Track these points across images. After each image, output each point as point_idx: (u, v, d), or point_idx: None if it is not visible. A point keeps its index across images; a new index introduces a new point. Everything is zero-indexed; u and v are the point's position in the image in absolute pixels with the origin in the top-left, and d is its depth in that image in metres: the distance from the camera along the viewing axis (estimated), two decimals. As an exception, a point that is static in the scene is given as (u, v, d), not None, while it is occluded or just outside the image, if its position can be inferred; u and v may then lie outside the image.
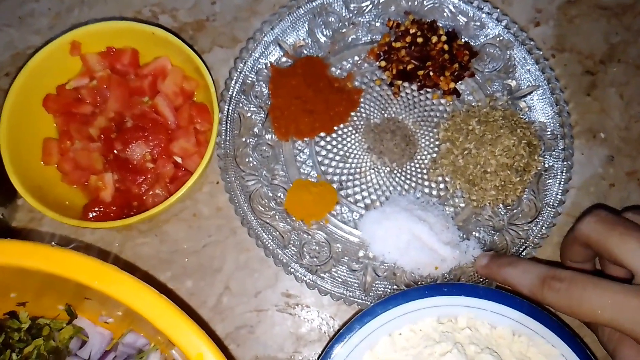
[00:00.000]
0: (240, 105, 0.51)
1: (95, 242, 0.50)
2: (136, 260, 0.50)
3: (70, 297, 0.39)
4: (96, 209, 0.46)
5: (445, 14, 0.53)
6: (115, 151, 0.47)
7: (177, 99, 0.49)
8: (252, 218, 0.48)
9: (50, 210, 0.44)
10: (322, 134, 0.51)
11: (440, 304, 0.42)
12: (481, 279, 0.47)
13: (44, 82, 0.49)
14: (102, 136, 0.47)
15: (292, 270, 0.47)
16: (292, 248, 0.48)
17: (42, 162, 0.48)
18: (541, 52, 0.53)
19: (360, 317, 0.41)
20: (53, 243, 0.49)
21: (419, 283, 0.47)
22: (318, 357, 0.42)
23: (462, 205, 0.50)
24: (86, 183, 0.48)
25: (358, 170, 0.51)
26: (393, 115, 0.52)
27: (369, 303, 0.46)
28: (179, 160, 0.49)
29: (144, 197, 0.47)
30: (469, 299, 0.42)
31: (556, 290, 0.39)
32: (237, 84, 0.51)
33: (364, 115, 0.52)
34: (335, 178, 0.50)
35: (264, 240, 0.47)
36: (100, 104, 0.49)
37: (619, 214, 0.41)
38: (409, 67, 0.51)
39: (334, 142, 0.51)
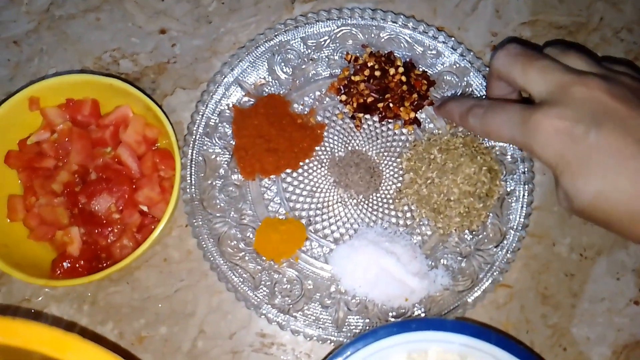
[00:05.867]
0: (204, 147, 0.51)
1: (67, 294, 0.50)
2: (109, 309, 0.50)
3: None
4: (64, 264, 0.46)
5: (402, 44, 0.54)
6: (80, 205, 0.47)
7: (140, 147, 0.49)
8: (222, 262, 0.48)
9: (17, 271, 0.44)
10: (288, 171, 0.52)
11: (409, 340, 0.42)
12: (450, 308, 0.48)
13: (6, 138, 0.49)
14: (66, 190, 0.47)
15: (263, 312, 0.47)
16: (264, 289, 0.48)
17: (7, 220, 0.48)
18: (497, 78, 0.53)
19: (331, 359, 0.42)
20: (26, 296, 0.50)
21: (391, 314, 0.48)
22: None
23: (429, 233, 0.50)
24: (53, 238, 0.48)
25: (325, 204, 0.51)
26: (357, 147, 0.52)
27: (342, 339, 0.47)
28: (145, 209, 0.49)
29: (112, 248, 0.47)
30: (438, 333, 0.42)
31: (475, 115, 0.44)
32: (200, 127, 0.51)
33: (328, 149, 0.52)
34: (304, 214, 0.51)
35: (234, 284, 0.48)
36: (63, 157, 0.49)
37: (534, 47, 0.44)
38: (369, 99, 0.52)
39: (300, 178, 0.52)
